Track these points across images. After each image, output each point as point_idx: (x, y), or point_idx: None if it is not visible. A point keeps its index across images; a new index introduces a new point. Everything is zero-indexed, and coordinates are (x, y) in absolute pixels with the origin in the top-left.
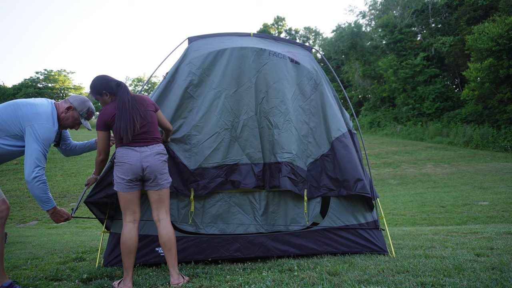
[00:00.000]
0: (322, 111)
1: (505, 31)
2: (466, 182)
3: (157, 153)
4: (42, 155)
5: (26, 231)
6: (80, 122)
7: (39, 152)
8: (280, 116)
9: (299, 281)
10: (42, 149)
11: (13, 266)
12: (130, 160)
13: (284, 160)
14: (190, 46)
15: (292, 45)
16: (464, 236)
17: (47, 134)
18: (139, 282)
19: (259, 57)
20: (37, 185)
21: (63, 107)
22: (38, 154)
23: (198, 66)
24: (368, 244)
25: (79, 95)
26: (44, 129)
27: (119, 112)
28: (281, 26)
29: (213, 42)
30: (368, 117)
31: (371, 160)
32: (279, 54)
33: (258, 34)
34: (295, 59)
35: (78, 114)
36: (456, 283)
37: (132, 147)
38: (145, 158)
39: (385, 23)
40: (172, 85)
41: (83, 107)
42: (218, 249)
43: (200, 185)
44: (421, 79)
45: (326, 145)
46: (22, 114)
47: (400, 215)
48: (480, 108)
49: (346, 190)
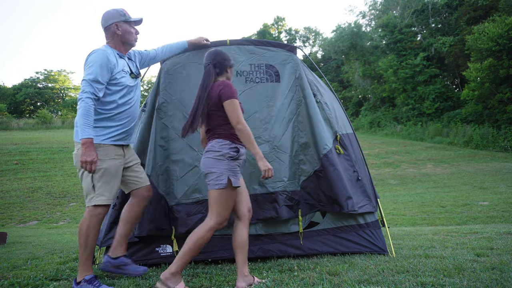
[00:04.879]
0: (309, 125)
1: (505, 31)
2: (466, 182)
3: (206, 150)
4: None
5: (26, 231)
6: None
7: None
8: (264, 145)
9: (299, 281)
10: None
11: (13, 266)
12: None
13: (278, 190)
14: (163, 68)
15: (273, 49)
16: (464, 236)
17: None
18: (139, 282)
19: (236, 85)
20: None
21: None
22: None
23: (172, 94)
24: (368, 244)
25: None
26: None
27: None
28: (281, 26)
29: (185, 62)
30: (368, 117)
31: (371, 160)
32: (256, 78)
33: (235, 41)
34: (274, 79)
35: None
36: (456, 283)
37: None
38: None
39: (385, 23)
40: (150, 117)
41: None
42: (218, 249)
43: (179, 221)
44: (421, 79)
45: (318, 161)
46: None
47: (400, 215)
48: (480, 108)
49: (339, 207)
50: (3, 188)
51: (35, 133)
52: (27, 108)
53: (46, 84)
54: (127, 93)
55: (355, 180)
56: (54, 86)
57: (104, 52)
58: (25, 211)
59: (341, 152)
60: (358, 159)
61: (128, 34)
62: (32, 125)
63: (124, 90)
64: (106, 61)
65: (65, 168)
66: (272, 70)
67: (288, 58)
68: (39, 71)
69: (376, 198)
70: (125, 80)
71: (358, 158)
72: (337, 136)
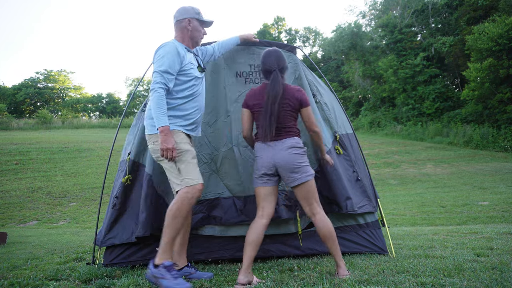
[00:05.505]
0: None
1: (505, 31)
2: (466, 182)
3: (290, 146)
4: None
5: (26, 231)
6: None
7: None
8: None
9: (299, 281)
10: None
11: (13, 266)
12: (263, 156)
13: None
14: None
15: None
16: (464, 236)
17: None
18: (139, 282)
19: (236, 86)
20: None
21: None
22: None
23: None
24: (368, 244)
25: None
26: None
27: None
28: (281, 26)
29: None
30: (368, 117)
31: (371, 160)
32: (256, 79)
33: None
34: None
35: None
36: (456, 283)
37: (264, 142)
38: (277, 154)
39: (385, 23)
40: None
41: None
42: (218, 250)
43: None
44: (421, 79)
45: (316, 161)
46: None
47: (400, 215)
48: (480, 108)
49: (338, 208)
50: (3, 188)
51: (35, 133)
52: (27, 108)
53: (46, 84)
54: (195, 84)
55: (355, 180)
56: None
57: (173, 44)
58: (25, 211)
59: (340, 153)
60: (358, 159)
61: (197, 31)
62: (32, 125)
63: (192, 81)
64: (176, 53)
65: (65, 168)
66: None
67: (287, 58)
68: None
69: (376, 198)
70: (194, 71)
71: (358, 158)
72: (336, 136)
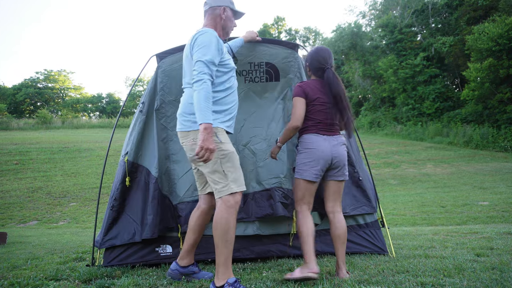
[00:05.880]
0: None
1: (505, 31)
2: (466, 182)
3: (343, 143)
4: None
5: (26, 231)
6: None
7: None
8: (262, 143)
9: (299, 281)
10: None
11: (13, 266)
12: (321, 148)
13: (274, 186)
14: (160, 66)
15: (273, 47)
16: (464, 236)
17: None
18: (139, 282)
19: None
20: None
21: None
22: None
23: (170, 94)
24: (368, 244)
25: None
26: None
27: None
28: (281, 26)
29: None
30: (368, 117)
31: (371, 160)
32: (256, 77)
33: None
34: (273, 78)
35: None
36: (456, 283)
37: (321, 135)
38: (334, 148)
39: (385, 23)
40: (149, 118)
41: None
42: None
43: (182, 220)
44: (421, 79)
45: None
46: None
47: (400, 215)
48: (480, 108)
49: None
50: (3, 188)
51: (35, 133)
52: (27, 108)
53: (46, 84)
54: (233, 76)
55: (355, 181)
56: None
57: (214, 32)
58: (25, 211)
59: None
60: (358, 160)
61: (229, 21)
62: (32, 125)
63: (231, 73)
64: (217, 42)
65: (65, 168)
66: (272, 68)
67: (289, 55)
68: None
69: (376, 199)
70: (231, 62)
71: (358, 159)
72: None
